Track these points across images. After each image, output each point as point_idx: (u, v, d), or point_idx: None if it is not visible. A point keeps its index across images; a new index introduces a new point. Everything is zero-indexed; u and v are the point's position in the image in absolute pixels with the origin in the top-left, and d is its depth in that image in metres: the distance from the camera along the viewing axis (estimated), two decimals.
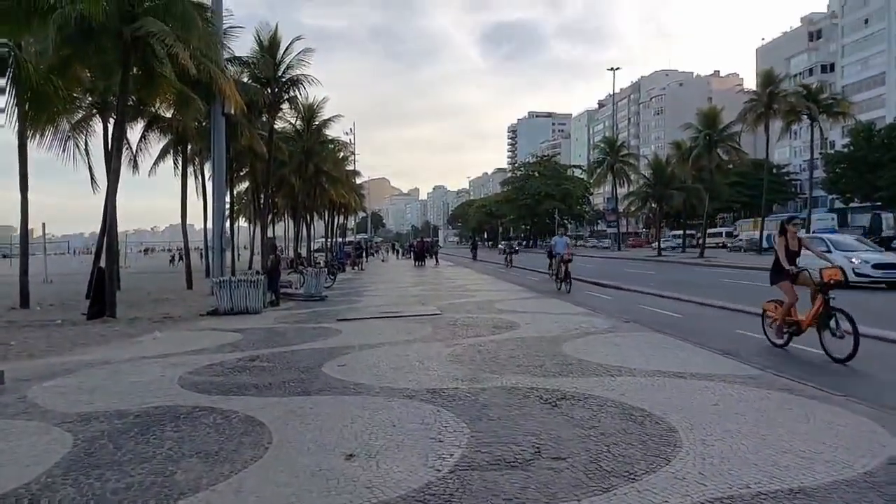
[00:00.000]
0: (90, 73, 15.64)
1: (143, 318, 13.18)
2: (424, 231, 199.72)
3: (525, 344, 8.58)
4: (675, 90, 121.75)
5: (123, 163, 17.66)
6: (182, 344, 9.60)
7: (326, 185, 38.52)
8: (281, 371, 7.30)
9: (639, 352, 7.84)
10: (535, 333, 9.53)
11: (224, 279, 13.78)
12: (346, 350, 8.56)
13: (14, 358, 8.82)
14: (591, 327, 10.01)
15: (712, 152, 40.84)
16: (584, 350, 7.98)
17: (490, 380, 6.45)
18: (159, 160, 25.99)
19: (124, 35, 12.30)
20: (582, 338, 9.01)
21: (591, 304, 14.15)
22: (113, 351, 9.10)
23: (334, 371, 7.17)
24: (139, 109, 20.42)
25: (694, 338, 8.99)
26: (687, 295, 15.39)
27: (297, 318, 12.85)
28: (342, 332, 10.36)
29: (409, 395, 5.94)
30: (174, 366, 7.76)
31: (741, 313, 12.17)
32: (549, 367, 6.96)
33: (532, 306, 13.58)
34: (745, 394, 5.67)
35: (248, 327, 11.38)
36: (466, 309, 13.32)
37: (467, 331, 10.04)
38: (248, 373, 7.26)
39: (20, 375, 7.36)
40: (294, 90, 24.70)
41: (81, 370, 7.64)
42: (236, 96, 14.92)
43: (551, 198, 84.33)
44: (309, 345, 9.19)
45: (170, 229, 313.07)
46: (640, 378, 6.34)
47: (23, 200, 14.83)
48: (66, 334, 10.94)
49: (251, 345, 9.36)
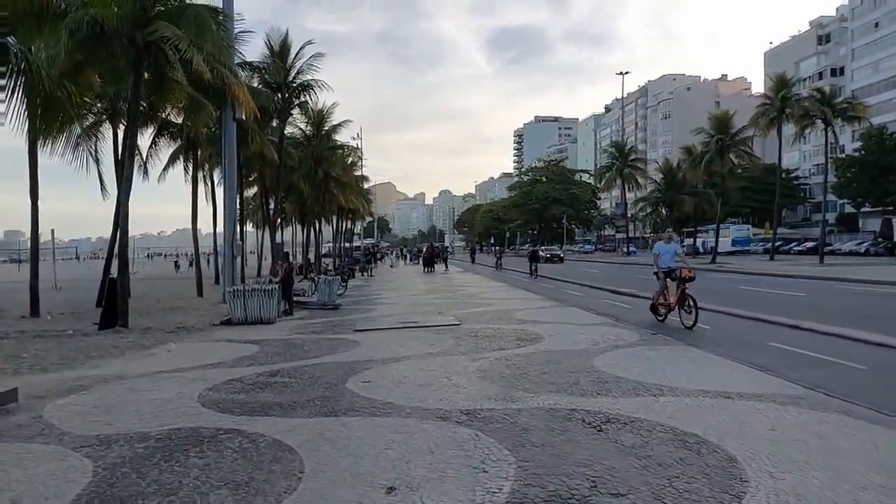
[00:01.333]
0: (100, 79, 15.44)
1: (156, 328, 12.93)
2: (431, 236, 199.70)
3: (554, 358, 8.27)
4: (682, 94, 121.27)
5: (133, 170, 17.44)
6: (198, 357, 9.33)
7: (335, 191, 38.30)
8: (304, 387, 7.01)
9: (676, 368, 7.52)
10: (561, 346, 9.22)
11: (238, 289, 13.52)
12: (369, 364, 8.28)
13: (27, 372, 8.57)
14: (618, 340, 9.69)
15: (725, 157, 40.44)
16: (617, 365, 7.66)
17: (525, 399, 6.14)
18: (169, 166, 25.83)
19: (137, 40, 12.09)
20: (611, 351, 8.70)
21: (611, 312, 13.82)
22: (128, 364, 8.85)
23: (359, 388, 6.88)
24: (149, 115, 20.24)
25: (727, 351, 8.66)
26: (709, 304, 14.99)
27: (313, 328, 12.57)
28: (361, 344, 10.08)
29: (443, 416, 5.65)
30: (192, 381, 7.49)
31: (768, 324, 11.82)
32: (585, 386, 6.65)
33: (552, 316, 13.26)
34: (800, 417, 5.35)
35: (264, 338, 11.11)
36: (485, 319, 13.01)
37: (491, 343, 9.74)
38: (270, 389, 6.98)
39: (34, 391, 7.11)
40: (305, 95, 24.54)
41: (97, 386, 7.38)
42: (250, 102, 14.69)
43: (559, 202, 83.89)
44: (329, 358, 8.90)
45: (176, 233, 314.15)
46: (684, 398, 6.02)
47: (33, 208, 14.62)
48: (79, 346, 10.69)
49: (269, 358, 9.09)
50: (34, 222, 14.95)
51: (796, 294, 18.31)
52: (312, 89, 24.25)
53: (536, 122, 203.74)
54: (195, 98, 15.31)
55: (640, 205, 53.45)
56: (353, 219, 60.58)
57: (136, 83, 13.00)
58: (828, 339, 9.92)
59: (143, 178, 24.12)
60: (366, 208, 58.01)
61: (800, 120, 38.74)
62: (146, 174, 23.91)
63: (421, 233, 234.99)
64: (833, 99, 39.09)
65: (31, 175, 14.38)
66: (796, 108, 40.51)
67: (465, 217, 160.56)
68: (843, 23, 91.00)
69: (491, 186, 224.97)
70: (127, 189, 13.02)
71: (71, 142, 16.60)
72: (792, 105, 40.48)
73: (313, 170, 33.98)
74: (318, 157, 34.07)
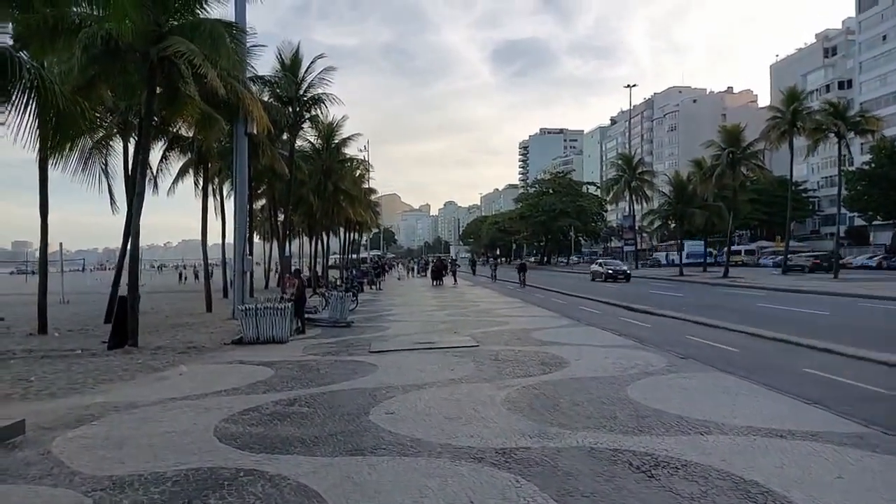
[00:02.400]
0: (112, 93, 15.24)
1: (166, 347, 12.61)
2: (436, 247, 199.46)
3: (584, 387, 7.90)
4: (688, 107, 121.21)
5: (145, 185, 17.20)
6: (211, 381, 9.00)
7: (344, 204, 38.08)
8: (325, 419, 6.67)
9: (715, 399, 7.14)
10: (590, 373, 8.84)
11: (250, 307, 13.20)
12: (390, 392, 7.93)
13: (34, 397, 8.26)
14: (647, 365, 9.31)
15: (736, 170, 40.02)
16: (653, 396, 7.29)
17: (562, 436, 5.78)
18: (178, 179, 25.61)
19: (150, 55, 11.88)
20: (643, 379, 8.31)
21: (632, 333, 13.43)
22: (138, 390, 8.52)
23: (383, 420, 6.53)
24: (161, 129, 20.04)
25: (763, 379, 8.28)
26: (733, 324, 14.63)
27: (327, 348, 12.23)
28: (378, 368, 9.73)
29: (477, 455, 5.29)
30: (207, 411, 7.15)
31: (798, 346, 11.42)
32: (623, 420, 6.28)
33: (573, 337, 12.87)
34: (864, 461, 4.97)
35: (278, 360, 10.78)
36: (504, 339, 12.65)
37: (514, 368, 9.37)
38: (289, 421, 6.63)
39: (42, 421, 6.79)
40: (315, 109, 24.34)
41: (107, 415, 7.05)
42: (264, 117, 14.46)
43: (566, 214, 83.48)
44: (347, 384, 8.56)
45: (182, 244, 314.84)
46: (734, 437, 5.64)
47: (43, 224, 14.40)
48: (88, 368, 10.37)
49: (285, 383, 8.75)
50: (43, 237, 14.71)
51: (819, 312, 17.87)
52: (323, 103, 24.07)
53: (542, 134, 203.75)
54: (207, 113, 15.08)
55: (650, 218, 52.89)
56: (360, 230, 60.38)
57: (149, 98, 12.79)
58: (866, 364, 9.52)
59: (152, 191, 23.91)
60: (373, 220, 57.79)
61: (812, 133, 38.32)
62: (156, 188, 23.70)
63: (427, 244, 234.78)
64: (846, 112, 38.69)
65: (41, 191, 14.16)
66: (808, 121, 40.10)
67: (470, 228, 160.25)
68: (849, 35, 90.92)
69: (496, 198, 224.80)
70: (138, 206, 12.76)
71: (82, 156, 16.35)
72: (803, 118, 40.06)
73: (322, 183, 33.76)
74: (328, 170, 33.87)
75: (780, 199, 71.95)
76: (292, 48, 24.48)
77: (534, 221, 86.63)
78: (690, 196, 44.99)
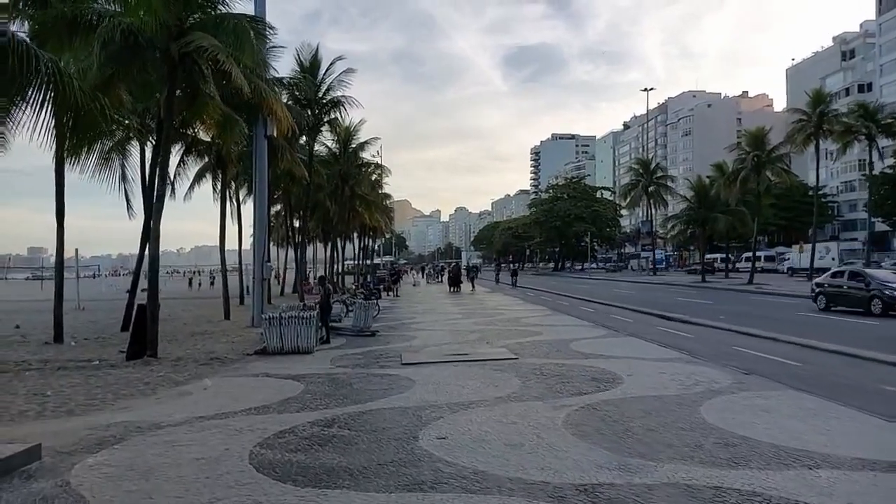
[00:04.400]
0: (131, 95, 14.70)
1: (187, 358, 12.01)
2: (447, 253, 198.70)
3: (650, 408, 7.17)
4: (703, 111, 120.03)
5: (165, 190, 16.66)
6: (238, 397, 8.36)
7: (360, 209, 37.52)
8: (370, 445, 5.99)
9: (803, 423, 6.40)
10: (649, 391, 8.12)
11: (274, 315, 12.57)
12: (435, 411, 7.25)
13: (51, 415, 7.66)
14: (711, 382, 8.56)
15: (761, 174, 39.04)
16: (733, 419, 6.55)
17: (647, 469, 5.07)
18: (195, 184, 25.18)
19: (171, 51, 11.31)
20: (713, 399, 7.56)
21: (677, 344, 12.67)
22: (162, 407, 7.89)
23: (436, 447, 5.85)
24: (179, 132, 19.55)
25: (843, 398, 7.53)
26: (784, 334, 13.81)
27: (356, 360, 11.57)
28: (416, 383, 9.05)
29: (556, 493, 4.60)
30: (238, 433, 6.50)
31: (863, 360, 10.63)
32: (711, 450, 5.55)
33: (615, 348, 12.11)
34: None
35: (307, 373, 10.13)
36: (543, 351, 11.93)
37: (564, 384, 8.66)
38: (331, 447, 5.97)
39: (60, 444, 6.18)
40: (335, 112, 23.79)
41: (131, 438, 6.42)
42: (289, 118, 13.88)
43: (581, 220, 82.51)
44: (386, 402, 7.88)
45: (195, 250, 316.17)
46: (849, 473, 4.90)
47: (59, 230, 13.88)
48: (107, 381, 9.77)
49: (319, 400, 8.09)
50: (59, 243, 14.20)
51: (867, 322, 16.97)
52: (343, 106, 23.53)
53: (553, 140, 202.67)
54: (227, 114, 14.53)
55: (673, 223, 51.85)
56: (375, 236, 59.83)
57: (169, 98, 12.23)
58: None
59: (169, 196, 23.46)
60: (388, 225, 57.20)
61: (841, 136, 37.33)
62: (173, 192, 23.22)
63: (439, 250, 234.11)
64: (876, 114, 37.65)
65: (58, 194, 13.64)
66: (835, 123, 39.16)
67: (482, 234, 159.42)
68: (867, 38, 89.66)
69: (507, 203, 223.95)
70: (158, 210, 12.20)
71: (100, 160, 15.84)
72: (830, 121, 39.12)
73: (340, 187, 33.23)
74: (345, 175, 33.34)
75: (799, 204, 70.73)
76: (311, 50, 24.03)
77: (548, 227, 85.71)
78: (713, 201, 44.02)
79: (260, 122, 17.46)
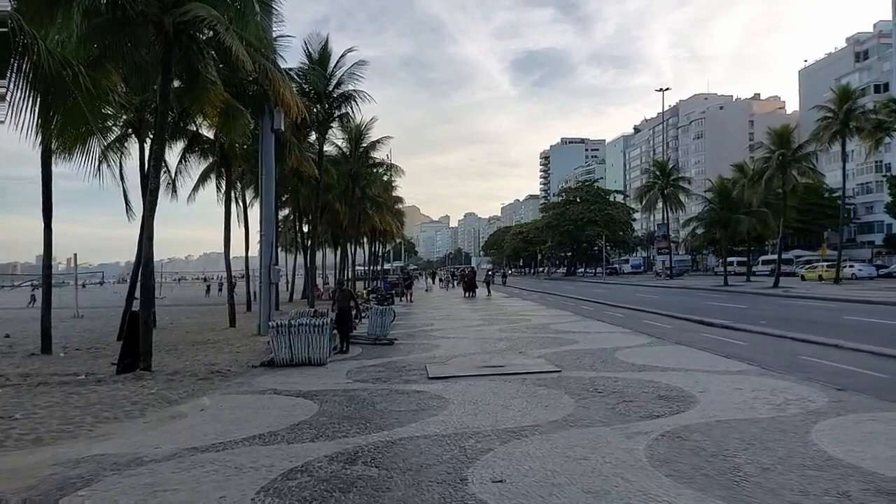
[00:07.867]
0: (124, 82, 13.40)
1: (185, 371, 10.69)
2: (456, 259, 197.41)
3: (751, 437, 5.75)
4: (714, 113, 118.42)
5: (161, 187, 15.42)
6: (240, 421, 7.02)
7: (371, 212, 36.21)
8: (408, 490, 4.63)
9: None
10: (737, 413, 6.70)
11: (282, 323, 11.24)
12: (480, 441, 5.88)
13: (13, 445, 6.35)
14: (802, 401, 7.14)
15: (787, 173, 37.48)
16: (862, 453, 5.14)
17: None
18: (199, 185, 23.96)
19: (165, 24, 10.04)
20: (818, 423, 6.15)
21: (734, 353, 11.25)
22: (148, 434, 6.57)
23: (494, 496, 4.47)
24: (179, 126, 18.35)
25: None
26: (845, 341, 12.36)
27: (375, 373, 10.21)
28: (449, 402, 7.68)
29: None
30: (238, 472, 5.17)
31: None
32: (864, 501, 4.15)
33: (667, 359, 10.69)
34: None
35: (320, 389, 8.79)
36: (587, 363, 10.53)
37: (626, 404, 7.26)
38: (355, 493, 4.61)
39: (14, 487, 4.89)
40: (345, 107, 22.52)
41: (102, 479, 5.09)
42: (298, 103, 12.59)
43: (594, 224, 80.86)
44: (419, 427, 6.51)
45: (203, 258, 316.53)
46: None
47: (46, 230, 12.66)
48: (89, 399, 8.46)
49: (336, 424, 6.74)
50: (47, 245, 12.97)
51: None
52: (354, 100, 22.23)
53: (563, 144, 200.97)
54: (231, 104, 13.26)
55: (694, 224, 50.16)
56: (385, 241, 58.52)
57: (164, 80, 10.96)
58: None
59: (170, 197, 22.29)
60: (398, 229, 55.85)
61: (870, 134, 35.75)
62: (175, 193, 22.05)
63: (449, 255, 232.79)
64: None
65: (45, 189, 12.41)
66: (862, 120, 37.62)
67: (493, 239, 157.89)
68: (881, 39, 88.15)
69: (517, 209, 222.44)
70: (152, 204, 10.92)
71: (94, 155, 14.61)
72: (858, 118, 37.59)
73: (350, 188, 31.93)
74: (356, 176, 32.04)
75: (815, 206, 68.89)
76: (321, 40, 22.76)
77: (561, 231, 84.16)
78: (736, 202, 42.49)
79: (266, 114, 16.23)
